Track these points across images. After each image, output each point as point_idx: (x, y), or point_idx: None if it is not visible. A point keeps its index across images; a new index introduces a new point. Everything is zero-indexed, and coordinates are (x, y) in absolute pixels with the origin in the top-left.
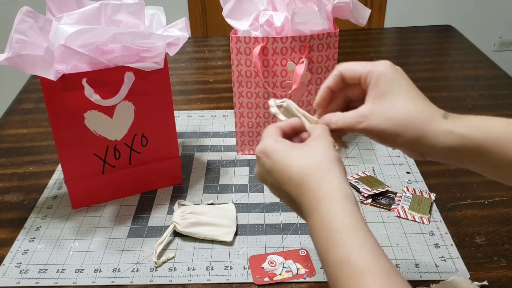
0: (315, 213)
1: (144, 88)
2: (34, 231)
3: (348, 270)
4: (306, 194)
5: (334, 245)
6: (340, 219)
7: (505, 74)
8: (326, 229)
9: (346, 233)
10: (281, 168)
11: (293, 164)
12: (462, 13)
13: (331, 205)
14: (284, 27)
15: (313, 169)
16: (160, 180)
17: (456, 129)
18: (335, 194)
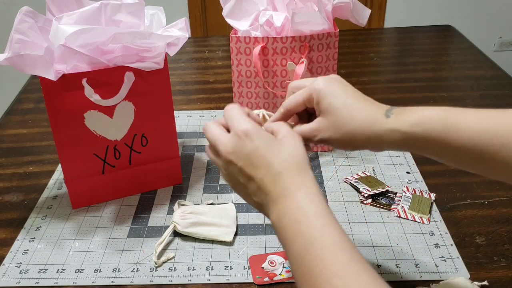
0: (288, 199)
1: (144, 88)
2: (34, 231)
3: (319, 245)
4: (280, 182)
5: (307, 224)
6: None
7: (505, 74)
8: (300, 212)
9: (319, 216)
10: (263, 154)
11: (276, 154)
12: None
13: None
14: (284, 27)
15: (293, 163)
16: (160, 180)
17: (398, 127)
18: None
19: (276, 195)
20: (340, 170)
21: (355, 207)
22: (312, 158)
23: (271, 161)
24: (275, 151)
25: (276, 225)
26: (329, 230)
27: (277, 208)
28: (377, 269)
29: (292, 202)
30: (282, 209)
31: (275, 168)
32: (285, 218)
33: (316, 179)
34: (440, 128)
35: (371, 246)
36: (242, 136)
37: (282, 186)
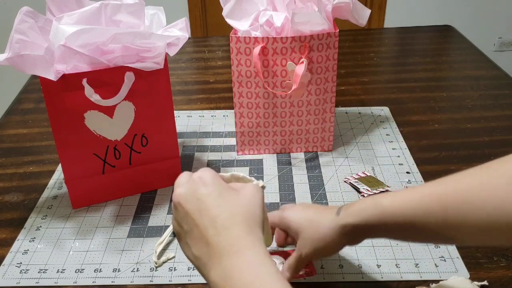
0: (236, 256)
1: (144, 88)
2: (34, 231)
3: None
4: (227, 237)
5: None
6: (265, 267)
7: (505, 74)
8: (250, 273)
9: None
10: (213, 202)
11: (228, 205)
12: (462, 13)
13: (256, 254)
14: (284, 27)
15: (244, 220)
16: (160, 180)
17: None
18: (259, 247)
19: (220, 251)
20: (340, 170)
21: None
22: (312, 158)
23: (219, 213)
24: (228, 202)
25: (219, 285)
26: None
27: (220, 266)
28: (377, 269)
29: (241, 261)
30: (228, 268)
31: (223, 221)
32: (231, 279)
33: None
34: (375, 214)
35: (371, 246)
36: (197, 179)
37: (228, 242)
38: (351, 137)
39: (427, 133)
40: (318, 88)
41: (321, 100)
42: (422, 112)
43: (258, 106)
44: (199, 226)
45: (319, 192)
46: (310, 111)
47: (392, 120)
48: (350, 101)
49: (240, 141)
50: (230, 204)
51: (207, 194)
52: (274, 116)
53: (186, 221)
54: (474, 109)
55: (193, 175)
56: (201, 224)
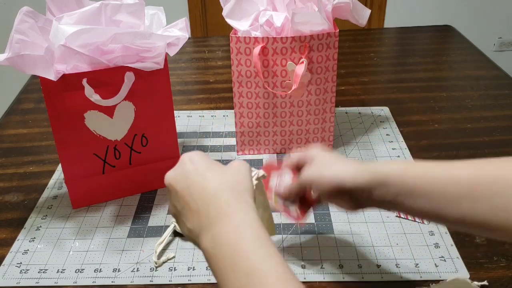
0: (224, 222)
1: (144, 88)
2: (34, 231)
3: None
4: (215, 205)
5: (247, 255)
6: (253, 232)
7: (505, 74)
8: (238, 239)
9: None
10: (200, 175)
11: (212, 177)
12: (462, 13)
13: (244, 218)
14: (284, 27)
15: (231, 186)
16: (160, 180)
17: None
18: (248, 211)
19: (209, 219)
20: None
21: None
22: None
23: (206, 184)
24: (214, 174)
25: (210, 253)
26: (270, 263)
27: (210, 233)
28: (377, 269)
29: (228, 227)
30: (217, 235)
31: (210, 190)
32: (220, 246)
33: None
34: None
35: (371, 246)
36: (185, 159)
37: (216, 210)
38: (351, 137)
39: (427, 133)
40: (318, 88)
41: (321, 100)
42: (422, 112)
43: (258, 106)
44: (189, 201)
45: None
46: (310, 111)
47: (392, 120)
48: (350, 101)
49: (240, 141)
50: (217, 175)
51: (194, 170)
52: (274, 116)
53: (178, 200)
54: (474, 109)
55: (183, 155)
56: (191, 198)
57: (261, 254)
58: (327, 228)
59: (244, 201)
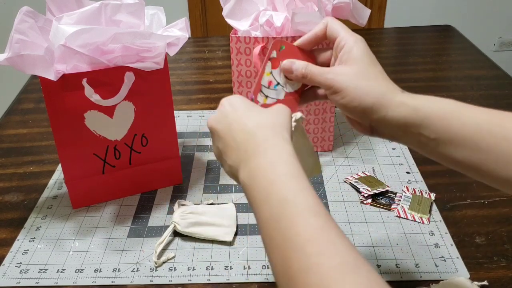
0: (262, 156)
1: (144, 88)
2: (34, 231)
3: (293, 209)
4: (254, 140)
5: (281, 186)
6: (288, 165)
7: (505, 74)
8: (273, 171)
9: (293, 177)
10: (240, 115)
11: (251, 117)
12: (462, 13)
13: (280, 153)
14: (284, 27)
15: (270, 125)
16: (160, 180)
17: (409, 101)
18: (284, 147)
19: (247, 154)
20: (340, 170)
21: (355, 207)
22: None
23: (246, 122)
24: (254, 114)
25: (246, 185)
26: (303, 194)
27: (248, 166)
28: (377, 269)
29: (265, 160)
30: (254, 168)
31: (250, 127)
32: (256, 178)
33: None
34: (447, 109)
35: (371, 246)
36: (225, 103)
37: (255, 144)
38: (351, 137)
39: None
40: None
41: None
42: None
43: None
44: (229, 139)
45: (319, 192)
46: (310, 111)
47: None
48: None
49: None
50: (256, 115)
51: (233, 111)
52: None
53: (220, 140)
54: None
55: (223, 99)
56: (231, 137)
57: (293, 186)
58: None
59: (282, 137)
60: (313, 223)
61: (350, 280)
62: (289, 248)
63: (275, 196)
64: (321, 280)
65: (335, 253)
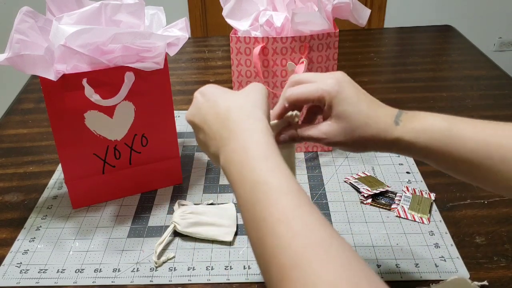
0: (234, 141)
1: (144, 88)
2: (34, 231)
3: (265, 191)
4: (228, 127)
5: (252, 168)
6: (259, 147)
7: (505, 74)
8: (244, 155)
9: (263, 158)
10: (211, 105)
11: (222, 103)
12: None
13: (251, 135)
14: (284, 27)
15: (242, 107)
16: (160, 180)
17: (404, 135)
18: (256, 127)
19: (224, 139)
20: (340, 170)
21: (355, 207)
22: (312, 158)
23: (217, 109)
24: (224, 99)
25: (224, 169)
26: (274, 174)
27: (224, 152)
28: (377, 269)
29: (237, 145)
30: (229, 152)
31: (222, 114)
32: (232, 162)
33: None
34: (442, 138)
35: (371, 246)
36: (197, 95)
37: (228, 130)
38: None
39: None
40: None
41: None
42: None
43: None
44: (207, 129)
45: (319, 192)
46: None
47: None
48: None
49: None
50: (227, 99)
51: (206, 101)
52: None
53: (199, 132)
54: (474, 109)
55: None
56: (207, 127)
57: (265, 167)
58: None
59: (254, 117)
60: (284, 203)
61: (321, 258)
62: (263, 229)
63: (247, 177)
64: (294, 260)
65: (306, 232)
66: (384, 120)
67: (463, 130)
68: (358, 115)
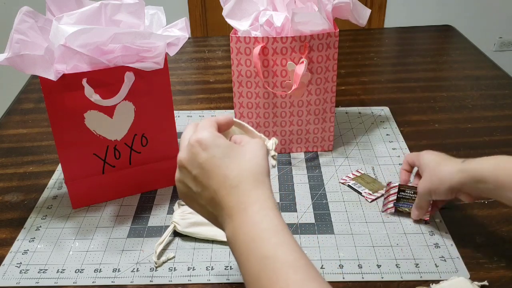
0: (243, 214)
1: (144, 88)
2: (34, 231)
3: (273, 265)
4: (236, 195)
5: (261, 243)
6: (269, 221)
7: (505, 74)
8: (254, 228)
9: (273, 233)
10: (219, 164)
11: (233, 164)
12: (462, 13)
13: (261, 209)
14: (284, 27)
15: (251, 175)
16: (160, 180)
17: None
18: (265, 201)
19: (230, 210)
20: (340, 170)
21: (355, 207)
22: (312, 158)
23: (227, 173)
24: (232, 161)
25: (231, 242)
26: (282, 250)
27: (232, 223)
28: (377, 269)
29: (246, 217)
30: (237, 225)
31: (231, 180)
32: (239, 236)
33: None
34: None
35: (371, 246)
36: (195, 145)
37: (237, 200)
38: (351, 137)
39: (427, 133)
40: (318, 88)
41: (321, 100)
42: (422, 112)
43: (258, 106)
44: (209, 188)
45: (319, 192)
46: (310, 111)
47: (392, 120)
48: (350, 101)
49: None
50: (236, 162)
51: (210, 158)
52: (274, 116)
53: (195, 184)
54: (474, 109)
55: (190, 138)
56: (211, 187)
57: (274, 241)
58: (327, 228)
59: (262, 188)
60: (293, 278)
61: None
62: None
63: (256, 251)
64: None
65: None
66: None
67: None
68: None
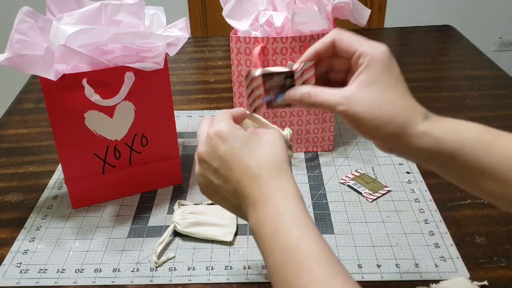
0: (266, 204)
1: (144, 88)
2: (34, 231)
3: (297, 257)
4: (258, 185)
5: (285, 234)
6: (292, 211)
7: (505, 74)
8: (277, 219)
9: (296, 224)
10: (239, 155)
11: (254, 154)
12: (462, 13)
13: (284, 199)
14: (284, 27)
15: (272, 164)
16: (160, 180)
17: (433, 131)
18: (288, 190)
19: (254, 199)
20: (340, 170)
21: (355, 207)
22: (312, 158)
23: (247, 163)
24: (252, 151)
25: (255, 232)
26: (306, 242)
27: (255, 213)
28: (377, 269)
29: (270, 208)
30: (261, 216)
31: (253, 170)
32: (263, 227)
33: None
34: (475, 140)
35: (371, 246)
36: (214, 137)
37: (260, 190)
38: (351, 137)
39: None
40: None
41: None
42: None
43: None
44: (231, 180)
45: (319, 192)
46: (310, 111)
47: None
48: None
49: None
50: (256, 152)
51: (229, 149)
52: (274, 116)
53: (216, 177)
54: (474, 109)
55: (209, 131)
56: (233, 178)
57: (298, 233)
58: (327, 228)
59: (284, 176)
60: (317, 272)
61: None
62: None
63: (280, 243)
64: None
65: None
66: (415, 110)
67: (499, 139)
68: (393, 91)
